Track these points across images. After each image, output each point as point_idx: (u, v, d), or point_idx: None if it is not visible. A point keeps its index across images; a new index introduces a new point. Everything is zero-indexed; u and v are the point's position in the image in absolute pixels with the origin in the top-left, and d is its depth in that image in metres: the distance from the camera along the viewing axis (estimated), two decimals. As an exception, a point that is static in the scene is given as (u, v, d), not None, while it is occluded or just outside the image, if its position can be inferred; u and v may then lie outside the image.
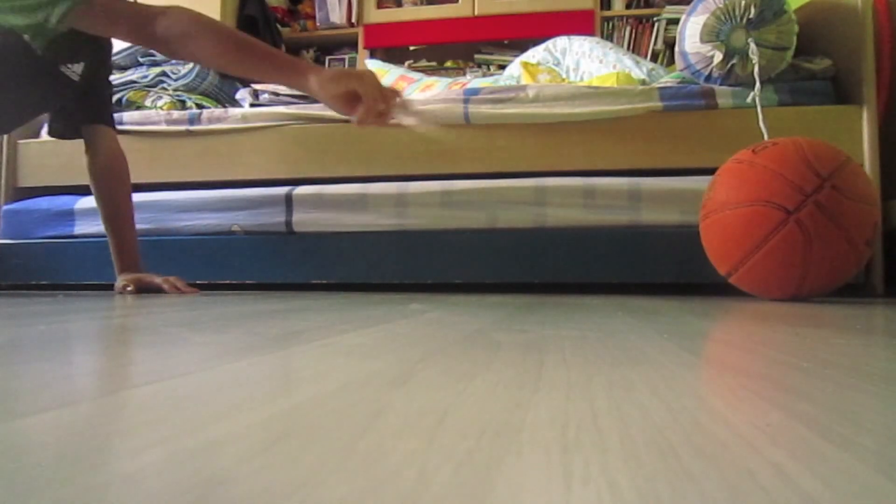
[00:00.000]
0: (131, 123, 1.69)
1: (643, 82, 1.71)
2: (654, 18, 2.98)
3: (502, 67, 2.55)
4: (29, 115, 1.37)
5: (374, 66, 2.38)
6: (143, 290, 1.33)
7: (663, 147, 1.48)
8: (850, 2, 1.44)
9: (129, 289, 1.31)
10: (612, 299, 1.14)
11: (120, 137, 1.46)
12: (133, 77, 1.82)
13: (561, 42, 2.06)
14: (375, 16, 3.15)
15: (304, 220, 1.55)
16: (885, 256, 1.38)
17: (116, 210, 1.40)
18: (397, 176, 1.56)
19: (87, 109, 1.39)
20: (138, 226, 1.60)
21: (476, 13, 3.00)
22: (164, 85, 1.81)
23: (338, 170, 1.59)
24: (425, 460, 0.20)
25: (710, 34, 1.42)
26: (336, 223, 1.53)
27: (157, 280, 1.34)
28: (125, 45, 1.69)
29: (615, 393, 0.31)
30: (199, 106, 1.82)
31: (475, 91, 1.56)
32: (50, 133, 1.46)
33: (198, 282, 1.49)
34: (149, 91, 1.81)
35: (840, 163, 1.09)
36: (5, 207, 1.71)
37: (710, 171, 1.23)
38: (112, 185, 1.41)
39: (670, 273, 1.41)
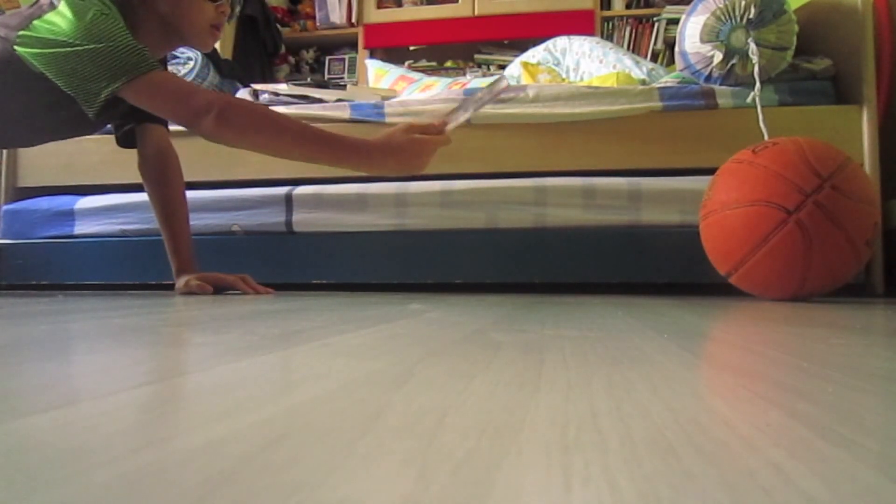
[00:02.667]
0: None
1: (643, 82, 1.71)
2: (654, 18, 2.98)
3: (502, 67, 2.55)
4: (75, 133, 1.36)
5: (373, 66, 2.38)
6: (220, 289, 1.31)
7: (663, 147, 1.48)
8: (850, 2, 1.44)
9: (205, 289, 1.27)
10: (612, 299, 1.14)
11: None
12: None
13: (561, 42, 2.06)
14: (375, 16, 3.15)
15: (304, 220, 1.55)
16: (885, 256, 1.38)
17: (170, 208, 1.37)
18: (397, 176, 1.56)
19: (137, 111, 1.35)
20: (140, 225, 1.60)
21: (476, 13, 3.00)
22: (164, 85, 1.80)
23: (338, 170, 1.59)
24: (425, 460, 0.20)
25: (710, 34, 1.42)
26: (336, 223, 1.53)
27: (231, 279, 1.32)
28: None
29: (615, 393, 0.31)
30: (199, 106, 1.82)
31: (475, 91, 1.56)
32: (118, 144, 1.43)
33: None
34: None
35: (840, 163, 1.09)
36: (5, 207, 1.71)
37: (710, 171, 1.23)
38: (163, 182, 1.38)
39: (670, 273, 1.41)
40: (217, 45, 2.04)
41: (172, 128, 1.51)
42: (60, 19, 1.07)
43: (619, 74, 1.75)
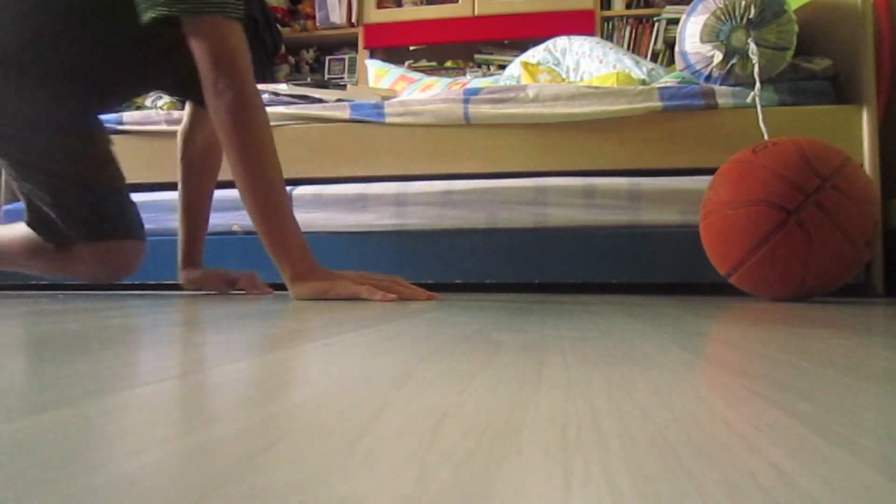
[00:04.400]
0: (131, 123, 1.69)
1: (643, 82, 1.71)
2: (654, 18, 2.98)
3: (502, 67, 2.55)
4: (139, 90, 1.32)
5: (373, 66, 2.38)
6: (227, 287, 1.31)
7: (663, 147, 1.48)
8: (850, 2, 1.44)
9: (216, 285, 1.27)
10: (612, 299, 1.14)
11: (120, 138, 1.44)
12: (133, 77, 1.81)
13: (561, 42, 2.06)
14: (375, 16, 3.15)
15: (304, 220, 1.54)
16: (885, 256, 1.38)
17: (197, 200, 1.36)
18: (397, 176, 1.56)
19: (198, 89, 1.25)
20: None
21: (476, 13, 3.00)
22: (164, 85, 1.80)
23: (338, 170, 1.59)
24: (425, 460, 0.20)
25: (710, 34, 1.42)
26: (336, 223, 1.53)
27: (235, 276, 1.32)
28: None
29: (615, 393, 0.31)
30: (199, 106, 1.82)
31: (475, 91, 1.56)
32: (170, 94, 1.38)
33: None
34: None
35: (840, 163, 1.09)
36: (5, 207, 1.71)
37: (710, 171, 1.23)
38: (201, 172, 1.36)
39: (670, 273, 1.41)
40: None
41: (167, 128, 1.50)
42: None
43: (619, 74, 1.75)
